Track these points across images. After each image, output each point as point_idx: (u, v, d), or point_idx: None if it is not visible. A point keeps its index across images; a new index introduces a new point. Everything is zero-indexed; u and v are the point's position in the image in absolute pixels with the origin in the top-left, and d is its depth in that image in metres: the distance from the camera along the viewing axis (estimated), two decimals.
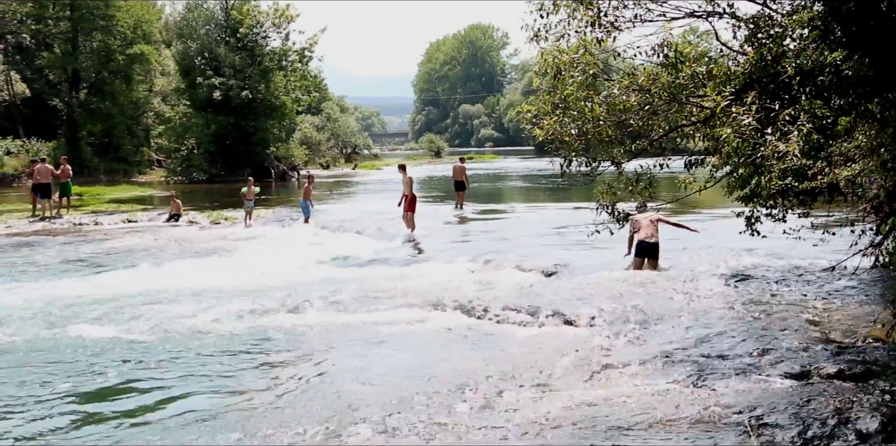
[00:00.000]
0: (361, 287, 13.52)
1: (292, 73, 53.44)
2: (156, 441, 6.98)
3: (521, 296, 12.16)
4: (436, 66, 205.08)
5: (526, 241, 18.71)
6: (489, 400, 7.66)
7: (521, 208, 28.72)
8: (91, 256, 18.42)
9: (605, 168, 10.44)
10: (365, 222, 22.84)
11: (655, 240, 13.93)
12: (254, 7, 51.04)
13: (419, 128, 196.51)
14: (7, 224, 25.03)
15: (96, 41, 53.94)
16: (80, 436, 7.15)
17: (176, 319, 11.41)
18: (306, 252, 17.90)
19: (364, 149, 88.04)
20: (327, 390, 8.27)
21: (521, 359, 9.15)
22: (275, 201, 33.23)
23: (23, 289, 14.14)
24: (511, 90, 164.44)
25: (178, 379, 8.81)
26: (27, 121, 55.82)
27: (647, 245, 13.92)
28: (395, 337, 10.60)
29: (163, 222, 25.51)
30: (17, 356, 9.78)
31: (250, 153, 50.34)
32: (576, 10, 10.02)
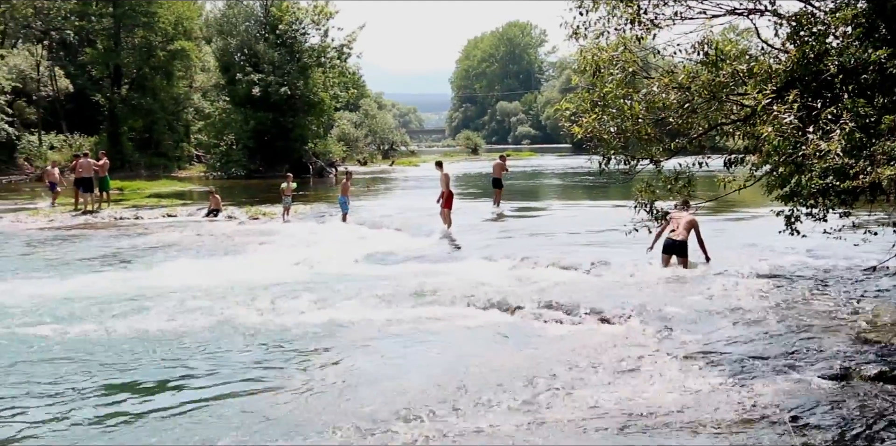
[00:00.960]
0: (398, 283, 13.56)
1: (331, 69, 53.62)
2: (186, 436, 7.04)
3: (558, 294, 12.13)
4: (473, 63, 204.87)
5: (563, 239, 18.66)
6: (525, 398, 7.66)
7: (558, 206, 28.65)
8: (132, 250, 18.63)
9: (643, 166, 10.38)
10: (402, 219, 22.89)
11: (682, 238, 13.90)
12: (293, 4, 51.23)
13: (456, 125, 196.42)
14: (50, 217, 25.40)
15: (138, 37, 54.51)
16: (115, 432, 7.24)
17: (212, 314, 11.51)
18: (343, 248, 17.95)
19: (401, 145, 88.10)
20: (364, 386, 8.30)
21: (557, 357, 9.15)
22: (312, 197, 33.38)
23: (66, 282, 14.32)
24: (548, 87, 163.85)
25: (214, 374, 8.89)
26: (70, 116, 56.60)
27: (673, 242, 13.93)
28: (431, 333, 10.62)
29: (202, 217, 25.73)
30: (61, 349, 9.92)
31: (288, 149, 50.58)
32: (615, 8, 9.98)
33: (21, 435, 7.11)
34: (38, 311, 11.75)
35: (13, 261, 17.31)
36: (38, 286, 13.82)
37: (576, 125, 10.15)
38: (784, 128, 8.15)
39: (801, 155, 8.27)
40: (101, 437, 7.06)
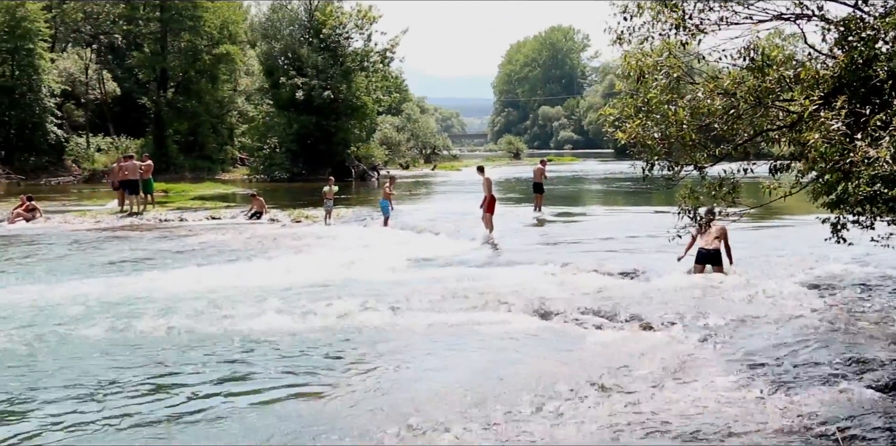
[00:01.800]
0: (439, 287, 13.56)
1: (374, 73, 53.80)
2: (228, 437, 7.10)
3: (599, 300, 12.08)
4: (516, 68, 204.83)
5: (605, 244, 18.58)
6: (565, 404, 7.63)
7: (600, 211, 28.52)
8: (177, 252, 18.83)
9: (687, 172, 10.31)
10: (443, 223, 22.91)
11: (714, 247, 13.88)
12: (337, 8, 51.50)
13: (498, 130, 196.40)
14: (97, 219, 25.76)
15: (184, 41, 55.10)
16: (156, 432, 7.30)
17: (256, 316, 11.59)
18: (385, 252, 18.00)
19: (443, 149, 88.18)
20: (405, 391, 8.32)
21: (598, 363, 9.10)
22: (354, 201, 33.52)
23: (112, 282, 14.52)
24: (591, 92, 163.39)
25: (256, 376, 8.96)
26: (117, 118, 57.37)
27: (705, 252, 13.91)
28: (472, 337, 10.61)
29: (245, 219, 25.95)
30: (111, 349, 10.05)
31: (331, 153, 50.81)
32: (660, 13, 9.91)
33: (74, 434, 7.21)
34: (89, 311, 11.91)
35: (63, 260, 17.57)
36: (87, 286, 14.04)
37: (619, 130, 10.10)
38: (831, 134, 8.05)
39: (849, 162, 8.15)
40: (147, 438, 7.12)
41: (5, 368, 9.18)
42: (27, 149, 51.09)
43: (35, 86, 50.15)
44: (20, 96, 49.71)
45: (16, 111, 49.79)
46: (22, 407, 7.92)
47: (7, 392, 8.32)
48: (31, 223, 25.24)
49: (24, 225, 24.94)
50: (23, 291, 13.68)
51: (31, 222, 25.35)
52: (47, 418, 7.60)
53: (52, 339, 10.42)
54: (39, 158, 51.56)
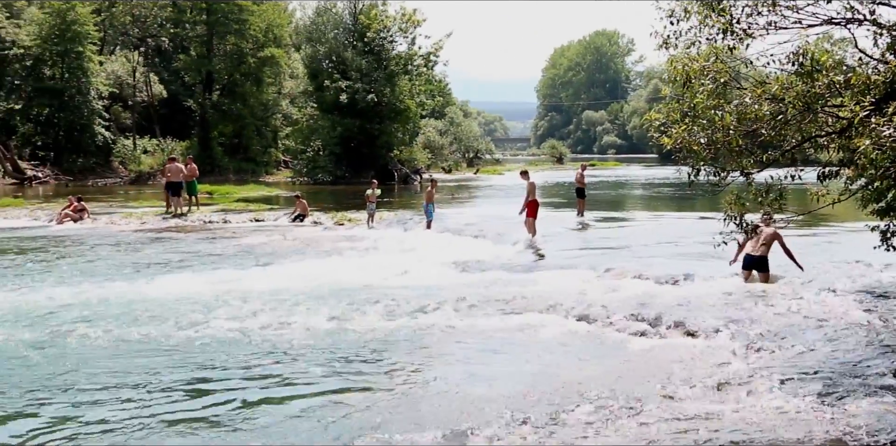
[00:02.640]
0: (481, 291, 13.54)
1: (417, 77, 53.95)
2: (269, 440, 7.12)
3: (642, 306, 11.98)
4: (560, 72, 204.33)
5: (648, 250, 18.43)
6: (606, 411, 7.57)
7: (644, 216, 28.32)
8: (221, 254, 19.00)
9: (733, 178, 10.19)
10: (486, 227, 22.86)
11: (760, 254, 13.76)
12: (381, 12, 51.68)
13: (541, 134, 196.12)
14: (142, 220, 26.05)
15: (230, 44, 55.64)
16: (200, 432, 7.35)
17: (299, 318, 11.65)
18: (427, 255, 18.01)
19: (486, 153, 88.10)
20: (446, 393, 8.33)
21: (641, 370, 9.04)
22: (397, 204, 33.59)
23: (156, 284, 14.67)
24: (635, 97, 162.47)
25: (299, 377, 9.00)
26: (163, 121, 58.07)
27: (752, 258, 13.81)
28: (514, 342, 10.60)
29: (288, 222, 26.10)
30: (158, 349, 10.16)
31: (374, 156, 50.98)
32: (707, 17, 9.82)
33: (111, 434, 7.28)
34: (131, 312, 12.04)
35: (107, 261, 17.79)
36: (130, 286, 14.22)
37: (665, 135, 10.02)
38: (882, 141, 7.92)
39: None
40: (186, 440, 7.17)
41: (42, 369, 9.28)
42: (75, 151, 51.88)
43: (84, 88, 50.92)
44: (69, 98, 50.50)
45: (65, 113, 50.58)
46: (62, 407, 8.01)
47: (48, 391, 8.43)
48: (78, 224, 25.60)
49: (71, 225, 25.31)
50: (65, 291, 13.85)
51: (79, 223, 25.72)
52: (87, 418, 7.68)
53: (91, 339, 10.54)
54: (87, 160, 52.34)
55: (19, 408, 7.96)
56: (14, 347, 10.12)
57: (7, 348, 10.08)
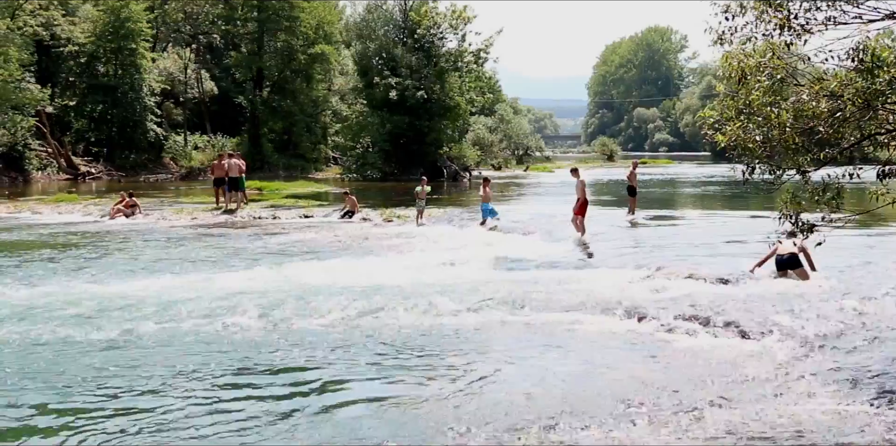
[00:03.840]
0: (530, 289, 13.46)
1: (467, 74, 53.88)
2: (318, 436, 7.11)
3: (693, 306, 11.82)
4: (611, 69, 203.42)
5: (700, 249, 18.21)
6: (658, 412, 7.47)
7: (695, 215, 27.99)
8: (271, 249, 19.12)
9: (789, 176, 9.99)
10: (535, 224, 22.76)
11: (790, 252, 13.81)
12: (432, 8, 51.69)
13: (592, 131, 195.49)
14: (193, 216, 26.30)
15: (280, 41, 56.04)
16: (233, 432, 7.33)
17: (346, 314, 11.67)
18: (476, 252, 17.94)
19: (536, 151, 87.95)
20: (495, 392, 8.28)
21: (691, 371, 8.92)
22: (445, 201, 33.55)
23: (204, 277, 14.82)
24: (688, 94, 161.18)
25: (348, 373, 9.02)
26: (214, 117, 58.70)
27: (783, 257, 13.89)
28: (563, 341, 10.52)
29: (337, 218, 26.17)
30: (199, 342, 10.23)
31: (423, 153, 51.06)
32: (764, 13, 9.62)
33: (161, 428, 7.31)
34: (181, 305, 12.13)
35: (157, 255, 18.00)
36: (180, 280, 14.36)
37: (719, 133, 9.85)
38: None
39: None
40: (233, 436, 7.18)
41: (97, 361, 9.36)
42: (128, 147, 52.65)
43: (136, 85, 51.64)
44: (122, 95, 51.26)
45: (118, 109, 51.34)
46: (116, 398, 8.07)
47: (106, 381, 8.51)
48: (130, 219, 25.92)
49: (123, 220, 25.63)
50: (115, 284, 14.08)
51: (131, 218, 26.03)
52: (136, 411, 7.74)
53: (141, 332, 10.65)
54: (139, 156, 53.11)
55: (94, 399, 8.06)
56: (83, 340, 10.25)
57: (77, 341, 10.21)
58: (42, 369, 8.98)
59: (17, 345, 9.96)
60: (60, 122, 51.34)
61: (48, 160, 48.91)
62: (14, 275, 15.27)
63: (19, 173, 46.16)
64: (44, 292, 13.23)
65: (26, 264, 16.72)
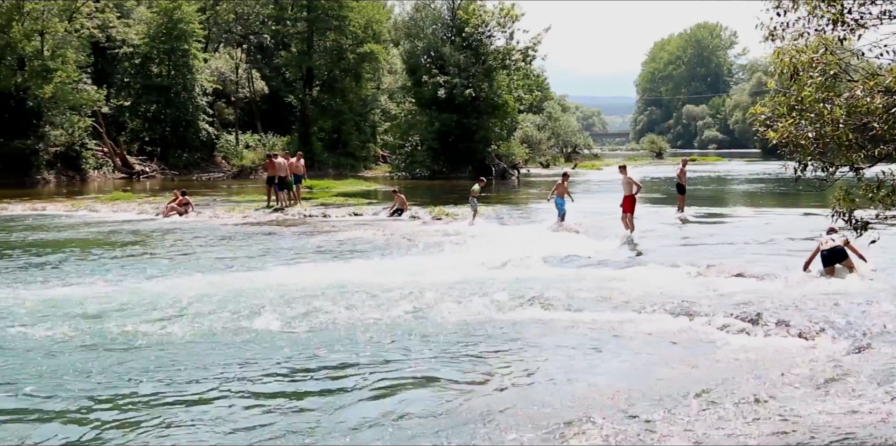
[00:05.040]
0: (579, 287, 13.46)
1: (515, 71, 53.86)
2: (371, 433, 7.18)
3: (744, 304, 11.74)
4: (659, 66, 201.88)
5: (750, 247, 18.06)
6: (707, 410, 7.44)
7: (746, 212, 27.72)
8: (321, 247, 19.28)
9: (842, 173, 9.89)
10: (584, 222, 22.70)
11: (833, 246, 13.69)
12: (479, 7, 51.71)
13: (640, 129, 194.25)
14: (244, 214, 26.62)
15: (329, 40, 56.41)
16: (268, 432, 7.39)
17: (397, 311, 11.77)
18: (526, 250, 17.93)
19: (584, 148, 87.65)
20: (543, 389, 8.30)
21: (742, 369, 8.86)
22: (494, 199, 33.55)
23: (253, 275, 15.02)
24: (738, 91, 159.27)
25: (398, 369, 9.09)
26: (264, 116, 59.21)
27: (827, 252, 13.77)
28: (611, 338, 10.49)
29: (386, 216, 26.31)
30: (250, 337, 10.38)
31: (472, 151, 51.11)
32: (817, 8, 9.53)
33: (224, 422, 7.45)
34: (232, 302, 12.31)
35: (209, 253, 18.26)
36: (233, 278, 14.58)
37: (771, 130, 9.78)
38: None
39: None
40: (289, 431, 7.30)
41: (146, 359, 9.56)
42: (180, 146, 53.37)
43: (189, 85, 52.34)
44: (175, 95, 51.99)
45: (171, 109, 52.09)
46: (175, 396, 8.24)
47: (162, 379, 8.68)
48: (183, 217, 26.29)
49: (177, 218, 26.01)
50: (167, 282, 14.31)
51: (184, 216, 26.40)
52: (197, 405, 7.90)
53: (184, 329, 10.82)
54: (192, 155, 53.81)
55: (159, 393, 8.23)
56: (138, 336, 10.46)
57: (132, 337, 10.43)
58: (103, 366, 9.16)
59: (78, 342, 10.17)
60: (116, 122, 52.23)
61: (104, 159, 49.78)
62: (72, 271, 15.63)
63: (76, 172, 47.12)
64: (96, 291, 13.51)
65: (83, 261, 17.05)
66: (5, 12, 42.72)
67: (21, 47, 42.75)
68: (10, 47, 42.77)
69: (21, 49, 42.85)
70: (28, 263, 16.75)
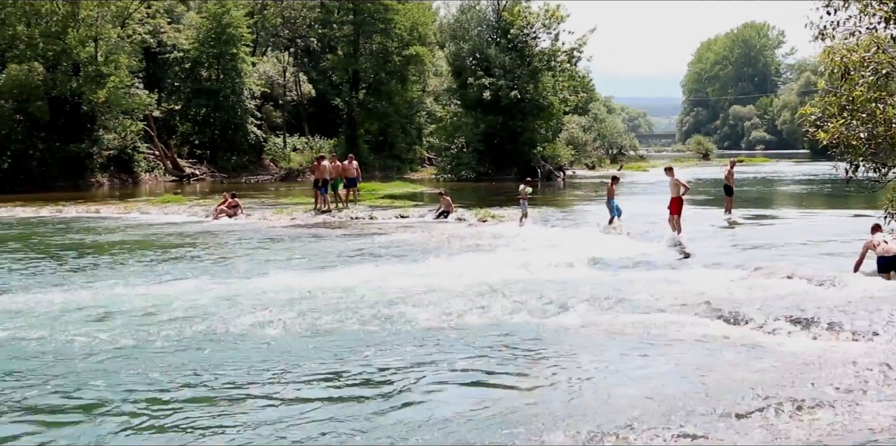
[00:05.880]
0: (625, 289, 13.39)
1: (561, 73, 53.68)
2: (419, 434, 7.20)
3: (793, 306, 11.58)
4: (706, 66, 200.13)
5: (799, 249, 17.84)
6: (759, 415, 7.37)
7: (794, 214, 27.41)
8: (365, 249, 19.39)
9: (895, 174, 9.79)
10: (630, 223, 22.58)
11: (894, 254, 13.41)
12: (525, 8, 51.66)
13: (687, 130, 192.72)
14: (292, 216, 26.86)
15: (375, 43, 56.68)
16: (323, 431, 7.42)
17: (444, 313, 11.81)
18: (572, 252, 17.89)
19: (630, 150, 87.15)
20: (587, 392, 8.26)
21: (792, 373, 8.75)
22: (540, 201, 33.45)
23: (300, 277, 15.15)
24: (786, 91, 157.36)
25: (442, 371, 9.13)
26: (312, 119, 59.64)
27: (888, 259, 13.44)
28: (658, 341, 10.40)
29: (432, 219, 26.36)
30: (297, 341, 10.48)
31: (517, 152, 51.06)
32: (868, 6, 9.45)
33: (275, 424, 7.55)
34: (282, 304, 12.43)
35: (259, 255, 18.46)
36: (283, 279, 14.73)
37: (821, 130, 9.70)
38: None
39: None
40: (332, 434, 7.37)
41: (198, 360, 9.70)
42: (229, 149, 53.94)
43: (237, 88, 52.87)
44: (224, 99, 52.56)
45: (220, 113, 52.68)
46: (226, 395, 8.36)
47: (217, 379, 8.81)
48: (232, 219, 26.60)
49: (226, 220, 26.33)
50: (215, 284, 14.52)
51: (233, 218, 26.70)
52: (252, 404, 8.01)
53: (229, 330, 10.97)
54: (240, 157, 54.37)
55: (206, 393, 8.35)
56: (189, 336, 10.63)
57: (181, 337, 10.58)
58: (156, 365, 9.31)
59: (132, 342, 10.34)
60: (166, 126, 52.97)
61: (155, 162, 50.52)
62: (129, 272, 15.99)
63: (129, 175, 47.96)
64: (144, 292, 13.75)
65: (137, 263, 17.35)
66: (61, 19, 43.55)
67: (76, 53, 43.54)
68: (66, 53, 43.58)
69: (76, 55, 43.64)
70: (88, 264, 17.24)
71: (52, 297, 13.10)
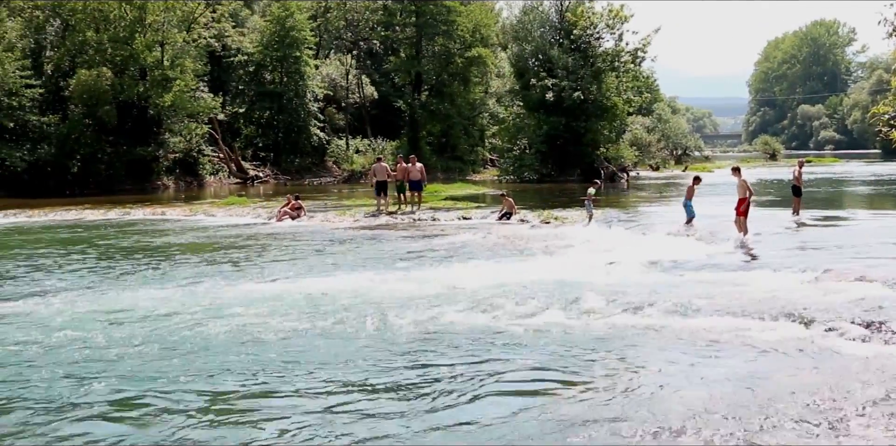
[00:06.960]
0: (691, 291, 13.22)
1: (624, 73, 53.24)
2: (470, 437, 7.20)
3: (864, 310, 11.34)
4: (773, 65, 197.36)
5: (871, 251, 17.42)
6: (826, 420, 7.23)
7: (865, 215, 26.80)
8: (429, 251, 19.47)
9: None
10: (696, 225, 22.31)
11: None
12: (588, 8, 51.36)
13: (753, 130, 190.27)
14: (355, 218, 27.05)
15: (438, 45, 56.92)
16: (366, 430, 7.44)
17: (505, 313, 11.80)
18: (637, 253, 17.72)
19: (695, 150, 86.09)
20: (651, 395, 8.18)
21: (865, 378, 8.57)
22: (604, 202, 33.20)
23: (364, 278, 15.27)
24: (856, 89, 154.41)
25: (499, 372, 9.10)
26: (374, 121, 60.06)
27: None
28: (725, 344, 10.27)
29: (495, 220, 26.33)
30: (370, 343, 10.55)
31: (580, 154, 50.76)
32: None
33: (334, 422, 7.59)
34: (347, 304, 12.53)
35: (320, 257, 18.63)
36: (349, 280, 14.86)
37: (894, 130, 9.48)
38: None
39: None
40: (382, 434, 7.39)
41: (273, 360, 9.80)
42: (293, 151, 54.61)
43: (301, 91, 53.48)
44: (287, 101, 53.20)
45: (283, 115, 53.33)
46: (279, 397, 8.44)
47: (278, 378, 8.89)
48: (296, 221, 26.89)
49: (290, 222, 26.63)
50: (277, 285, 14.73)
51: (297, 220, 27.00)
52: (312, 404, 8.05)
53: (289, 329, 11.12)
54: (303, 160, 55.01)
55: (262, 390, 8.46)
56: (260, 335, 10.79)
57: (253, 336, 10.75)
58: (215, 364, 9.47)
59: (188, 341, 10.54)
60: (231, 129, 53.73)
61: (220, 165, 51.30)
62: (198, 273, 16.30)
63: (194, 178, 48.83)
64: (207, 292, 14.07)
65: (202, 264, 17.66)
66: (129, 25, 44.48)
67: (143, 58, 44.46)
68: (134, 58, 44.55)
69: (143, 59, 44.57)
70: (165, 265, 17.66)
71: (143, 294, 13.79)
